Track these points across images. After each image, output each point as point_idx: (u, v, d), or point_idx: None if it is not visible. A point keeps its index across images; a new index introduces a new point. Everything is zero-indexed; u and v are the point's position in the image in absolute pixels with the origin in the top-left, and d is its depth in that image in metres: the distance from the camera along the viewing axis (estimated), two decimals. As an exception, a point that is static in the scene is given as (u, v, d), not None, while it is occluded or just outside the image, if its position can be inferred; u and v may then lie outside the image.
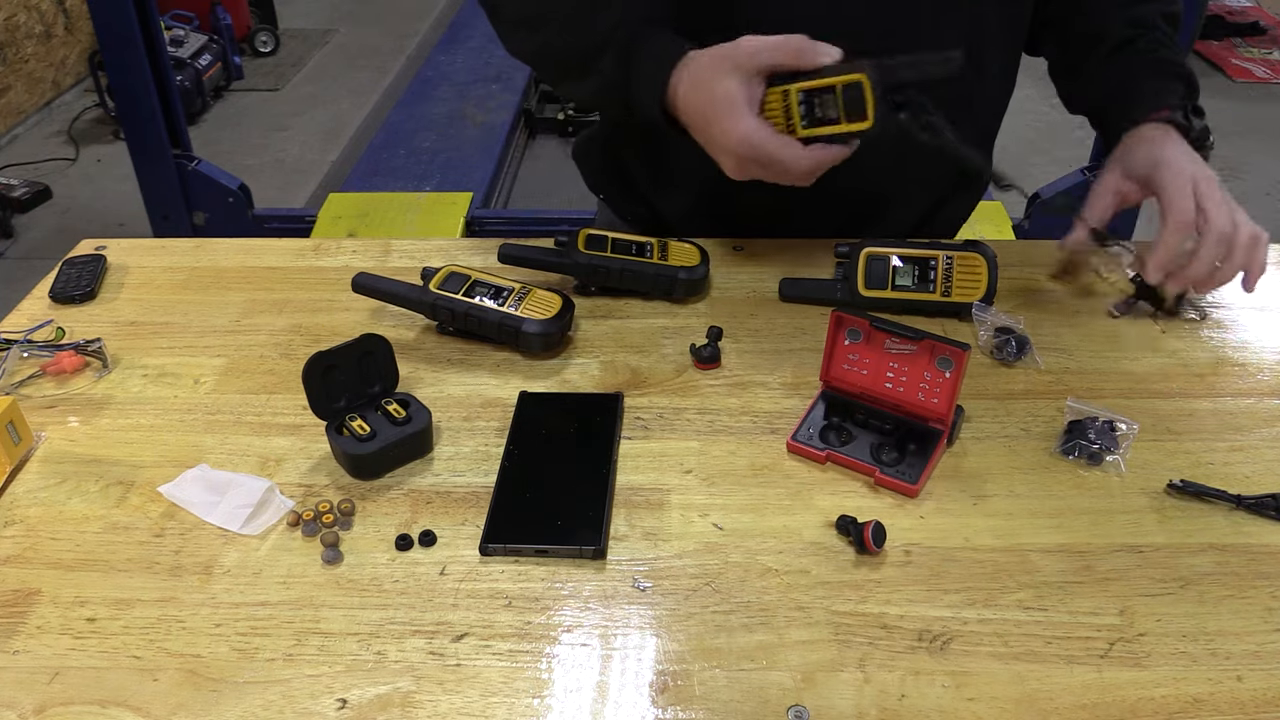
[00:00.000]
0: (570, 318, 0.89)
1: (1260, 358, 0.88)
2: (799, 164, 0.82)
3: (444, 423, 0.81)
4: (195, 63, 3.90)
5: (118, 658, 0.62)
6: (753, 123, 0.81)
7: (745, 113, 0.81)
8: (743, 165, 0.84)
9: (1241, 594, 0.66)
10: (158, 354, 0.90)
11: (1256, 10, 4.94)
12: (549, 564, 0.68)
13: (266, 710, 0.59)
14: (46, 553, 0.70)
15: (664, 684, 0.60)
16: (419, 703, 0.59)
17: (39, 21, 4.00)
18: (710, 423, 0.81)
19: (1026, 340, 0.87)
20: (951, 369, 0.75)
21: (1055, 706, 0.59)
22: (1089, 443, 0.76)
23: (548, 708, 0.59)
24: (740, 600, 0.65)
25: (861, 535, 0.68)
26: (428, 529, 0.71)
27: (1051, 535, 0.70)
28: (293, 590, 0.67)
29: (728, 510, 0.72)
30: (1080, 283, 0.99)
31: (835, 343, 0.79)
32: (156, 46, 2.48)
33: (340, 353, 0.76)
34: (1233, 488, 0.73)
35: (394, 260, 1.03)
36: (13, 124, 3.86)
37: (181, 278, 1.01)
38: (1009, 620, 0.64)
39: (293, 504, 0.73)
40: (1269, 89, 4.30)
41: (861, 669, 0.61)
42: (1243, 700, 0.59)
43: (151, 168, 2.58)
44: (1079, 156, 2.69)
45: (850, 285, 0.93)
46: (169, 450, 0.79)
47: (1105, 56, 1.01)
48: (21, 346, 0.88)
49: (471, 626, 0.64)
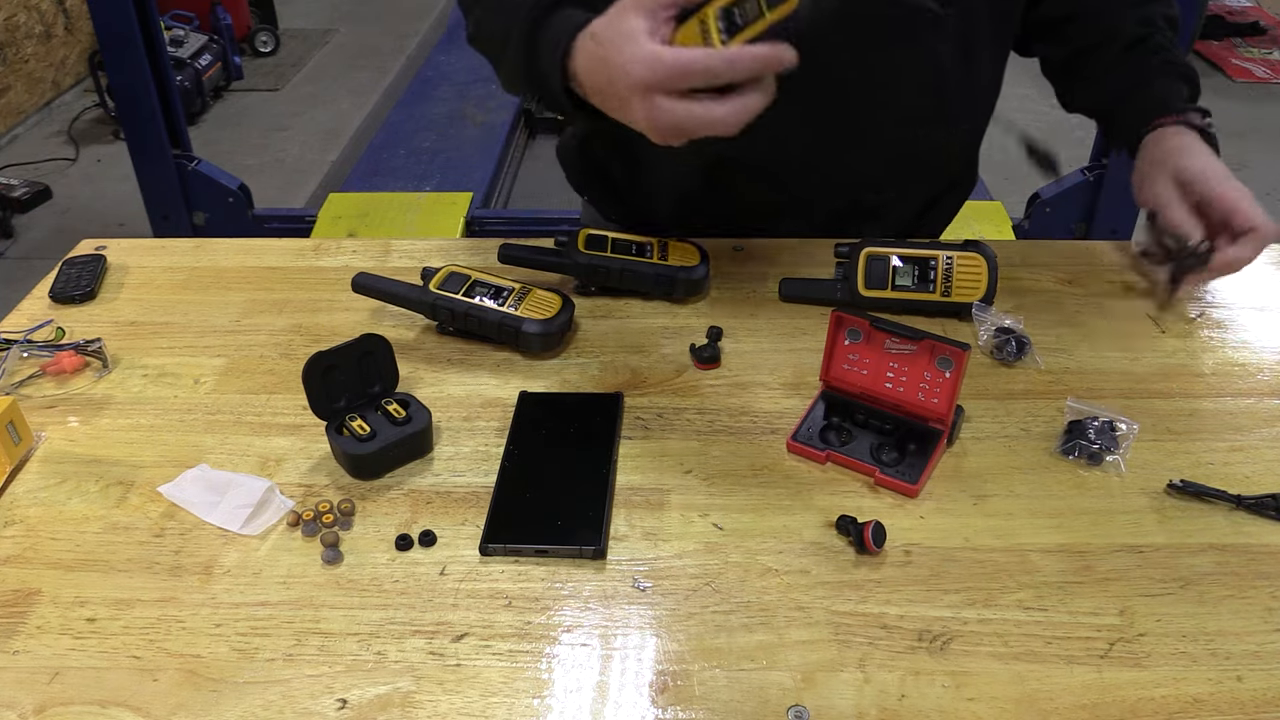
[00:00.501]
0: (570, 318, 0.89)
1: (1260, 358, 0.88)
2: (718, 69, 0.68)
3: (444, 423, 0.81)
4: (195, 63, 3.91)
5: (118, 658, 0.62)
6: (655, 45, 0.69)
7: (646, 40, 0.70)
8: (656, 112, 0.70)
9: (1241, 594, 0.66)
10: (158, 354, 0.90)
11: (1256, 10, 4.94)
12: (549, 564, 0.68)
13: (266, 710, 0.59)
14: (46, 553, 0.70)
15: (664, 684, 0.60)
16: (419, 703, 0.59)
17: (39, 21, 4.00)
18: (710, 423, 0.81)
19: (1026, 340, 0.87)
20: (951, 369, 0.75)
21: (1055, 706, 0.59)
22: (1089, 443, 0.76)
23: (548, 708, 0.59)
24: (740, 600, 0.65)
25: (861, 535, 0.68)
26: (428, 529, 0.71)
27: (1051, 535, 0.70)
28: (293, 590, 0.67)
29: (728, 510, 0.72)
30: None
31: (835, 343, 0.79)
32: (156, 46, 2.48)
33: (340, 353, 0.76)
34: (1233, 488, 0.73)
35: (394, 260, 1.03)
36: (13, 124, 3.86)
37: (181, 278, 1.01)
38: (1009, 620, 0.64)
39: (293, 504, 0.73)
40: (1269, 89, 4.30)
41: (861, 669, 0.61)
42: (1243, 700, 0.59)
43: (151, 168, 2.58)
44: (1079, 156, 2.69)
45: (850, 285, 0.93)
46: (169, 450, 0.79)
47: (1116, 55, 1.01)
48: (21, 346, 0.88)
49: (471, 626, 0.64)
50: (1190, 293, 0.95)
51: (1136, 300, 0.96)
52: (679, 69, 0.69)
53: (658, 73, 0.69)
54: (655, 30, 0.71)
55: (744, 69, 0.69)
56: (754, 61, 0.68)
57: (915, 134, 1.01)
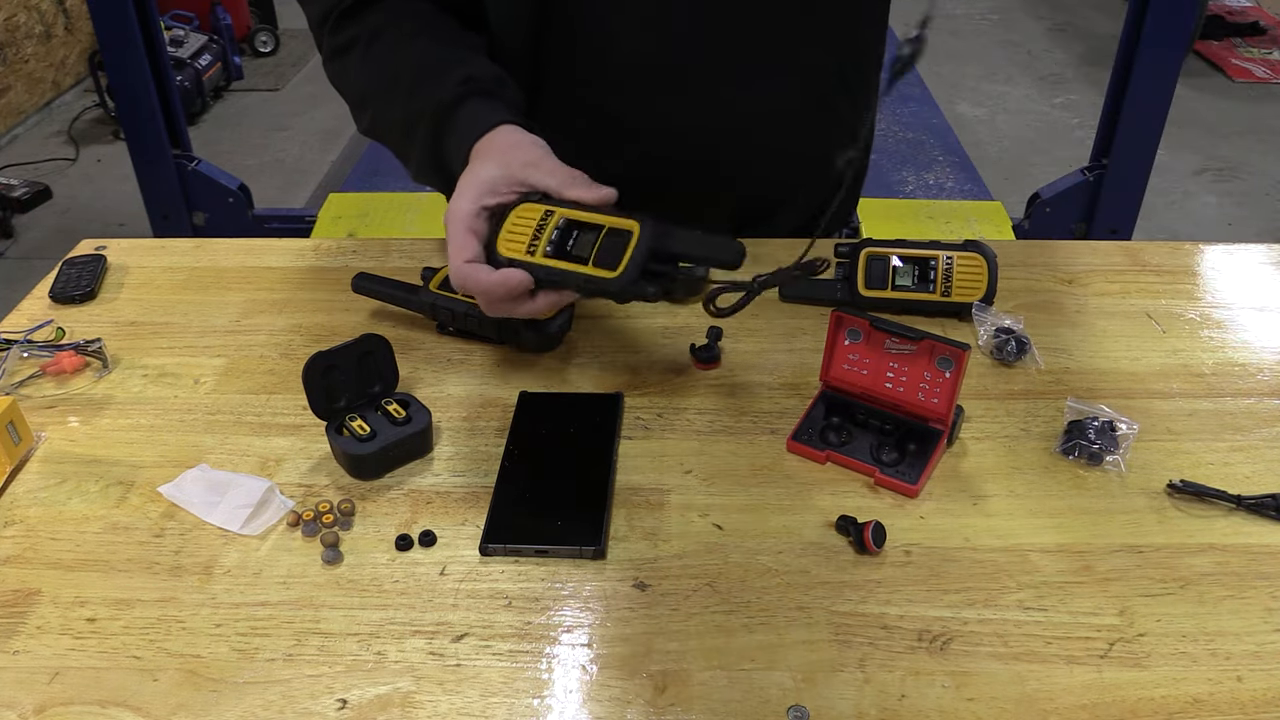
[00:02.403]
0: (570, 318, 0.89)
1: (1260, 358, 0.88)
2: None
3: (444, 423, 0.81)
4: (195, 63, 3.90)
5: (118, 658, 0.62)
6: (464, 206, 0.77)
7: (468, 195, 0.77)
8: (489, 308, 0.78)
9: (1241, 594, 0.66)
10: (158, 354, 0.90)
11: (1256, 10, 4.94)
12: (549, 564, 0.68)
13: (266, 710, 0.59)
14: (46, 553, 0.70)
15: (664, 684, 0.60)
16: (419, 703, 0.59)
17: (39, 21, 4.00)
18: (710, 423, 0.81)
19: (1026, 340, 0.87)
20: (951, 369, 0.75)
21: (1055, 706, 0.59)
22: (1089, 443, 0.76)
23: (548, 708, 0.59)
24: (740, 600, 0.65)
25: (861, 535, 0.68)
26: (428, 529, 0.71)
27: (1051, 535, 0.70)
28: (293, 590, 0.67)
29: (728, 510, 0.72)
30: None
31: (835, 343, 0.79)
32: (156, 46, 2.48)
33: (340, 353, 0.76)
34: (1233, 488, 0.73)
35: (394, 260, 1.03)
36: (13, 124, 3.86)
37: (181, 278, 1.01)
38: (1009, 620, 0.64)
39: (293, 504, 0.73)
40: (1269, 89, 4.30)
41: (861, 669, 0.61)
42: (1243, 700, 0.59)
43: (151, 168, 2.58)
44: (1079, 156, 2.69)
45: (850, 285, 0.93)
46: (169, 450, 0.79)
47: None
48: (21, 346, 0.88)
49: (471, 626, 0.64)
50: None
51: (1136, 300, 0.96)
52: (490, 287, 0.75)
53: (490, 295, 0.76)
54: (492, 189, 0.78)
55: (508, 297, 0.76)
56: (511, 294, 0.75)
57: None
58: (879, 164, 2.96)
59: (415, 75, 0.87)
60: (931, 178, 2.99)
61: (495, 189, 0.78)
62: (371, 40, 0.91)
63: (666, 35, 0.93)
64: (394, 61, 0.90)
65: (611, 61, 0.95)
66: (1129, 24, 2.36)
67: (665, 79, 0.95)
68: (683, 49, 0.94)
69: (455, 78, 0.85)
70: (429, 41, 0.90)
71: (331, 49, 0.95)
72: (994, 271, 0.91)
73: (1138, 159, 2.45)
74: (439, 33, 0.91)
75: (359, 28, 0.92)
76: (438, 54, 0.88)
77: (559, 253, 0.75)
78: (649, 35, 0.93)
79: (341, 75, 0.95)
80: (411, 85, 0.87)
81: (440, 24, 0.92)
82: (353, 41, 0.92)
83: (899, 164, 3.06)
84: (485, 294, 0.76)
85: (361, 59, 0.92)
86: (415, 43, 0.89)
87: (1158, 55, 2.32)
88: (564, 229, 0.76)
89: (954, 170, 3.03)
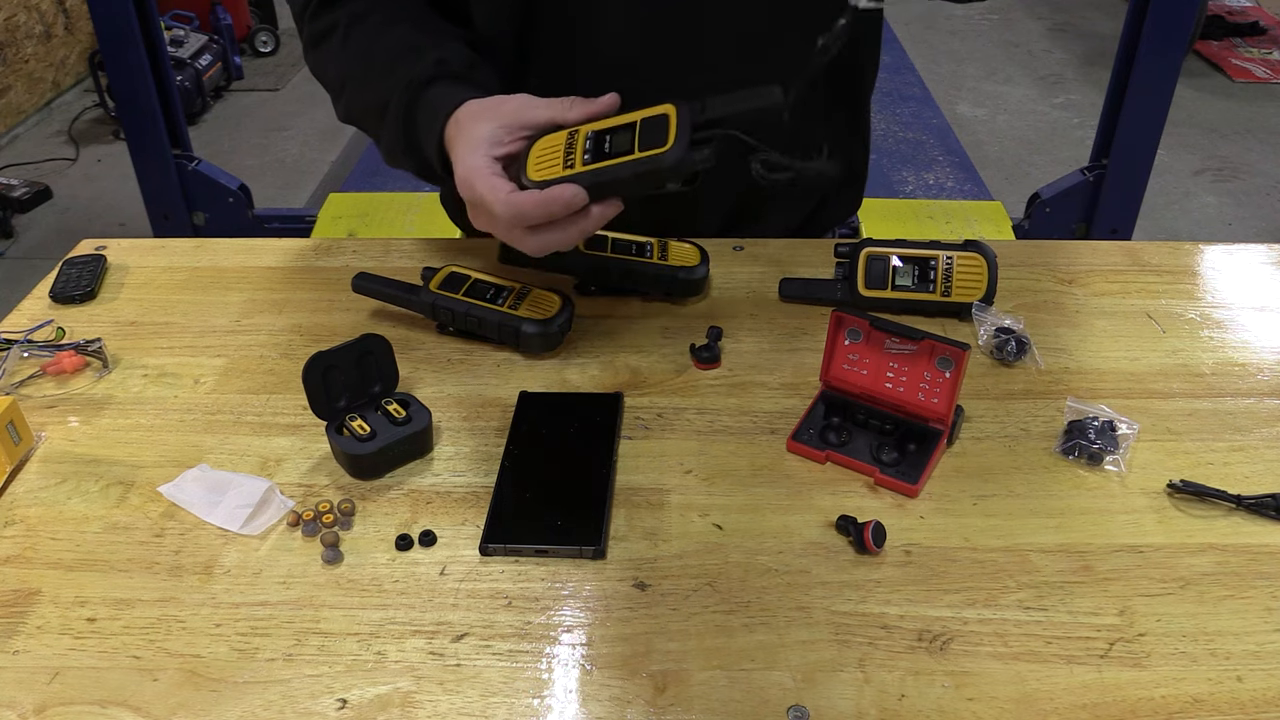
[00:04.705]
0: (570, 318, 0.89)
1: (1260, 358, 0.88)
2: (500, 205, 0.73)
3: (444, 423, 0.81)
4: (195, 63, 3.90)
5: (118, 658, 0.62)
6: (477, 161, 0.75)
7: (477, 152, 0.76)
8: (471, 209, 0.77)
9: (1241, 594, 0.66)
10: (158, 354, 0.90)
11: (1256, 10, 4.94)
12: (549, 564, 0.68)
13: (266, 710, 0.59)
14: (46, 553, 0.70)
15: (664, 684, 0.60)
16: (419, 703, 0.59)
17: (39, 21, 4.00)
18: (710, 423, 0.81)
19: (1026, 340, 0.87)
20: (951, 369, 0.75)
21: (1055, 706, 0.59)
22: (1089, 443, 0.76)
23: (547, 708, 0.59)
24: (740, 600, 0.65)
25: (861, 535, 0.68)
26: (428, 529, 0.71)
27: (1051, 535, 0.70)
28: (293, 590, 0.67)
29: (728, 510, 0.72)
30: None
31: (835, 343, 0.79)
32: (156, 46, 2.48)
33: (340, 353, 0.76)
34: (1233, 488, 0.73)
35: (394, 260, 1.03)
36: (13, 124, 3.86)
37: (181, 278, 1.01)
38: (1009, 620, 0.64)
39: (293, 504, 0.73)
40: (1269, 89, 4.30)
41: (861, 669, 0.61)
42: (1243, 700, 0.59)
43: (151, 168, 2.58)
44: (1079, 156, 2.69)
45: (850, 285, 0.93)
46: (169, 450, 0.79)
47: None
48: (21, 346, 0.88)
49: (471, 626, 0.64)
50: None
51: (1136, 300, 0.96)
52: (477, 197, 0.74)
53: (467, 193, 0.75)
54: (497, 140, 0.76)
55: (531, 219, 0.73)
56: (544, 209, 0.73)
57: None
58: (879, 164, 2.96)
59: (390, 58, 0.88)
60: (931, 178, 3.00)
61: (499, 140, 0.77)
62: (350, 27, 0.92)
63: (653, 29, 0.93)
64: (370, 47, 0.91)
65: (598, 55, 0.95)
66: (1129, 24, 2.36)
67: (652, 73, 0.95)
68: (670, 44, 0.94)
69: (428, 60, 0.86)
70: (407, 28, 0.91)
71: (311, 36, 0.96)
72: (994, 271, 0.91)
73: (1138, 159, 2.46)
74: (417, 21, 0.92)
75: (338, 15, 0.93)
76: (413, 39, 0.89)
77: (599, 157, 0.72)
78: (635, 29, 0.93)
79: (321, 63, 0.96)
80: (385, 68, 0.88)
81: (420, 13, 0.93)
82: (331, 28, 0.93)
83: (899, 164, 3.06)
84: (543, 211, 0.72)
85: (340, 45, 0.93)
86: (393, 29, 0.91)
87: (1158, 55, 2.32)
88: (595, 138, 0.74)
89: (954, 170, 3.03)
